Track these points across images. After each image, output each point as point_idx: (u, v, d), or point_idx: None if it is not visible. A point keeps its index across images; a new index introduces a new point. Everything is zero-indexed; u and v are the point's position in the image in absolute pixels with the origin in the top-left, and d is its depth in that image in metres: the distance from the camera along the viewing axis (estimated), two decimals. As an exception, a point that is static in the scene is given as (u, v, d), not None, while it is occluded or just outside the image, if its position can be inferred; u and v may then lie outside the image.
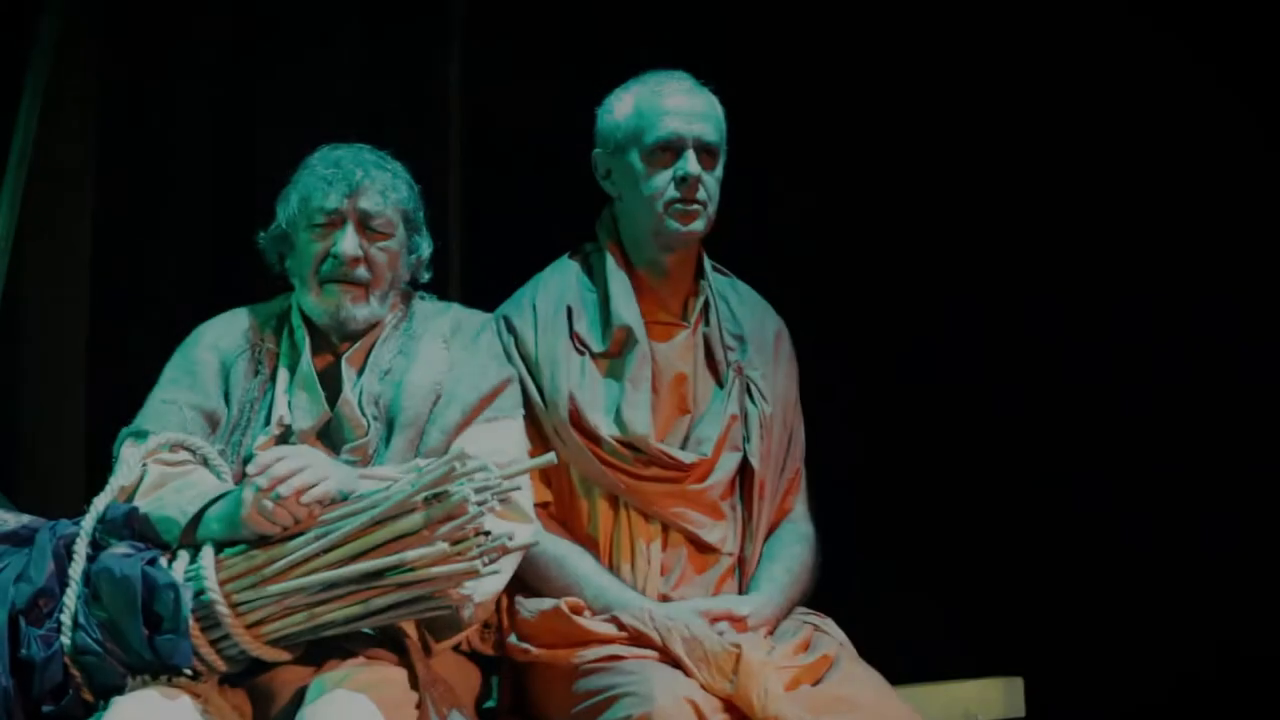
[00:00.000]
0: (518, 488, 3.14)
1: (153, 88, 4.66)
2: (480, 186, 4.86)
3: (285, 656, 3.13)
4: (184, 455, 3.37)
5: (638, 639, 3.33)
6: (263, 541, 3.09)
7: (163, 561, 3.11)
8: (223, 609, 3.06)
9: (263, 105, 4.69)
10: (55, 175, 4.50)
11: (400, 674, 3.16)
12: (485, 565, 3.02)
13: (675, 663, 3.27)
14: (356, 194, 3.46)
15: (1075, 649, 4.42)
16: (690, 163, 3.57)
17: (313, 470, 3.08)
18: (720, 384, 3.68)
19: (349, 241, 3.45)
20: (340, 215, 3.47)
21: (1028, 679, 4.01)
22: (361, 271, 3.47)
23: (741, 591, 3.57)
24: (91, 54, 4.61)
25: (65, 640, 3.07)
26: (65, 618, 3.08)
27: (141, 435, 3.40)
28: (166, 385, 3.49)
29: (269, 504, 3.04)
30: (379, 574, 3.02)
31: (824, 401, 3.86)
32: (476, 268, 4.75)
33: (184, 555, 3.14)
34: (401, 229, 3.53)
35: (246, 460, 3.42)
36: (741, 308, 3.77)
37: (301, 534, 3.07)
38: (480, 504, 3.00)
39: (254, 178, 4.57)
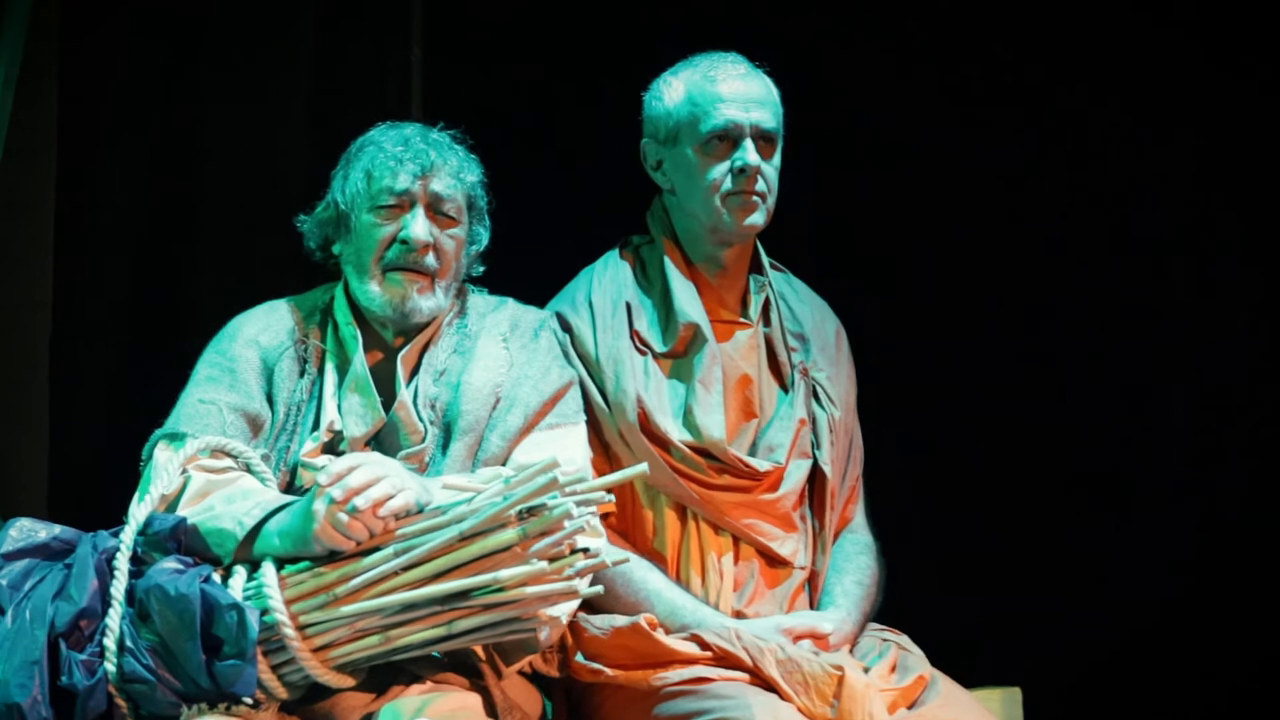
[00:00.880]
0: (613, 500, 2.88)
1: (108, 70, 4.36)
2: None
3: (349, 682, 2.87)
4: (226, 461, 3.08)
5: (724, 659, 3.10)
6: (332, 558, 2.82)
7: (215, 578, 2.83)
8: (289, 631, 2.78)
9: (209, 89, 4.37)
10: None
11: (476, 700, 2.91)
12: (587, 586, 2.78)
13: (768, 685, 3.04)
14: (429, 175, 3.19)
15: (1074, 660, 4.26)
16: (749, 152, 3.34)
17: (390, 480, 2.81)
18: (784, 387, 3.45)
19: (419, 226, 3.18)
20: (410, 197, 3.19)
21: (1026, 689, 3.83)
22: (430, 259, 3.20)
23: (813, 607, 3.36)
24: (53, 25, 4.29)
25: (110, 666, 2.78)
26: (109, 641, 2.79)
27: (178, 438, 3.10)
28: (203, 384, 3.19)
29: (344, 517, 2.77)
30: (464, 594, 2.77)
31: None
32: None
33: (240, 571, 2.86)
34: (467, 216, 3.26)
35: (293, 469, 3.15)
36: (801, 306, 3.56)
37: (377, 549, 2.81)
38: (581, 518, 2.75)
39: (196, 158, 4.33)
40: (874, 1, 4.38)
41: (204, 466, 3.05)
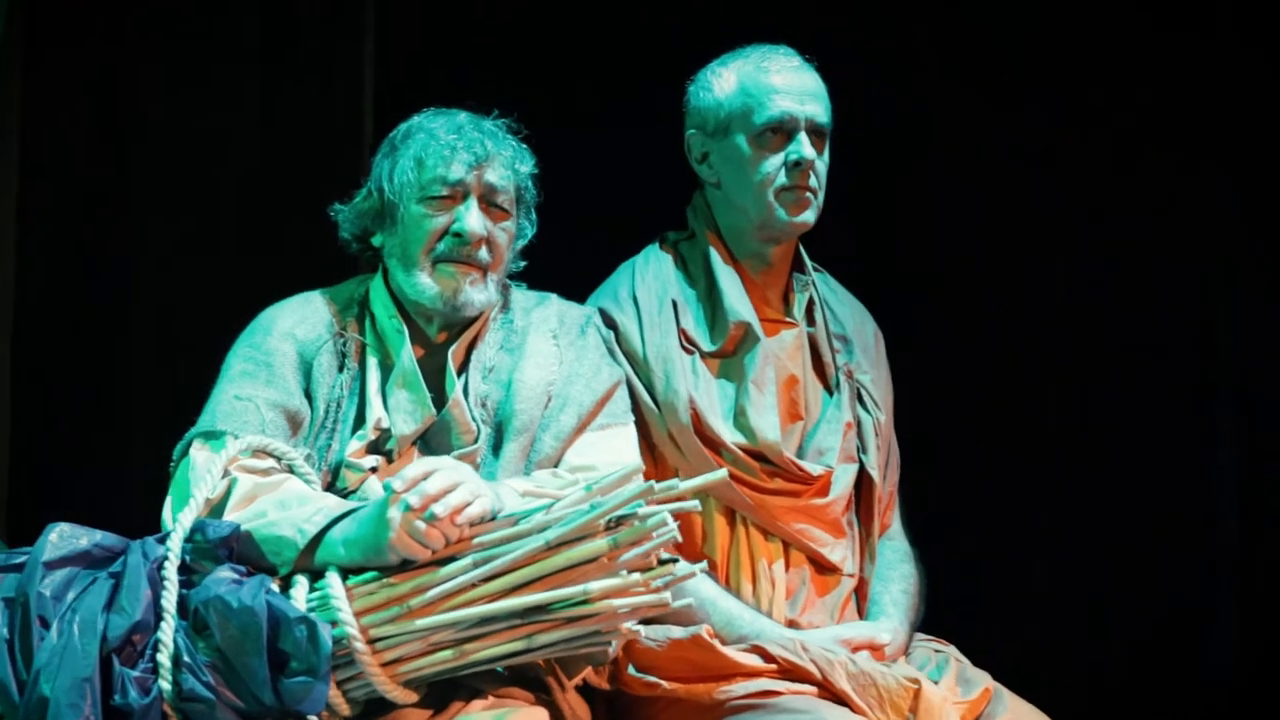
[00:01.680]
0: (699, 509, 2.76)
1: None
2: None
3: (413, 698, 2.72)
4: (268, 462, 2.91)
5: (790, 672, 2.99)
6: (402, 568, 2.67)
7: (274, 589, 2.67)
8: (360, 645, 2.63)
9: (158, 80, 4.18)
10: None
11: (544, 715, 2.77)
12: (674, 598, 2.66)
13: (836, 699, 2.94)
14: (484, 165, 3.04)
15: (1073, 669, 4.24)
16: (804, 146, 3.24)
17: (468, 486, 2.66)
18: (829, 389, 3.36)
19: (474, 218, 3.03)
20: (464, 188, 3.04)
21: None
22: (484, 253, 3.05)
23: (860, 617, 3.27)
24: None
25: (165, 684, 2.60)
26: (163, 657, 2.61)
27: (216, 437, 2.92)
28: (239, 379, 3.01)
29: (421, 525, 2.62)
30: (544, 607, 2.63)
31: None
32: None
33: (301, 582, 2.70)
34: (516, 208, 3.12)
35: (335, 469, 2.99)
36: (841, 307, 3.46)
37: (453, 559, 2.66)
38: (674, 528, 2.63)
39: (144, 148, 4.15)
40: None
41: (246, 467, 2.88)
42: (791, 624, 3.16)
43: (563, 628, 2.64)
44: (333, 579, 2.67)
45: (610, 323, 3.27)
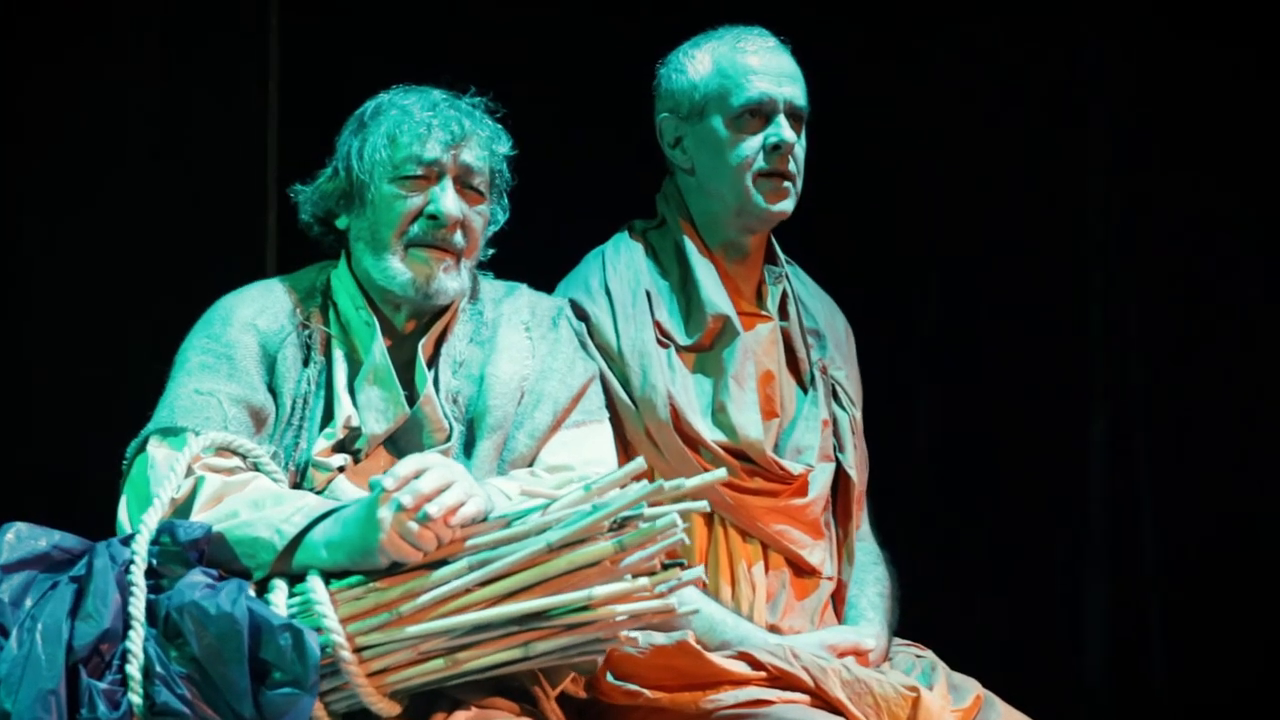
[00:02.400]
0: (707, 509, 2.63)
1: None
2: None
3: (397, 710, 2.56)
4: (233, 460, 2.73)
5: (780, 679, 2.87)
6: (389, 571, 2.51)
7: (251, 593, 2.49)
8: (346, 654, 2.47)
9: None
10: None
11: None
12: (681, 604, 2.53)
13: (829, 707, 2.84)
14: (460, 145, 2.88)
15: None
16: (784, 128, 3.13)
17: (461, 486, 2.51)
18: (803, 385, 3.25)
19: (450, 199, 2.87)
20: (439, 168, 2.88)
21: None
22: (458, 237, 2.89)
23: (839, 620, 3.17)
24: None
25: (135, 698, 2.42)
26: (133, 668, 2.43)
27: (175, 434, 2.74)
28: (198, 372, 2.82)
29: (414, 526, 2.46)
30: (542, 613, 2.49)
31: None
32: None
33: (280, 586, 2.54)
34: (490, 192, 2.97)
35: (302, 468, 2.82)
36: (812, 300, 3.35)
37: (445, 562, 2.50)
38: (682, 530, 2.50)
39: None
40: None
41: (210, 466, 2.70)
42: (773, 629, 3.04)
43: (562, 635, 2.50)
44: (315, 583, 2.50)
45: (581, 314, 3.13)
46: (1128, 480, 4.22)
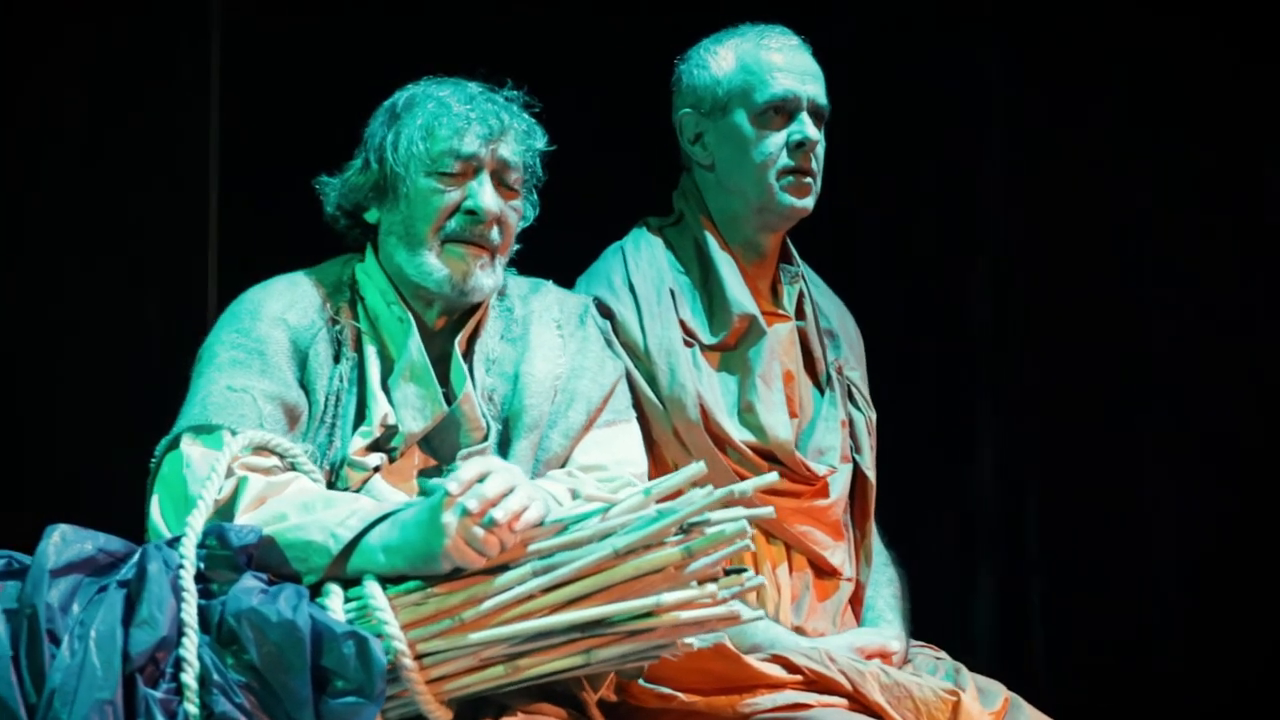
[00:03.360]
0: (773, 515, 2.60)
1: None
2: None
3: (449, 716, 2.50)
4: (271, 460, 2.66)
5: (817, 683, 2.86)
6: (446, 577, 2.45)
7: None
8: (408, 662, 2.41)
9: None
10: None
11: None
12: (749, 610, 2.51)
13: (868, 711, 2.83)
14: (499, 140, 2.82)
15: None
16: (808, 126, 3.12)
17: (525, 490, 2.46)
18: (819, 386, 3.24)
19: (489, 195, 2.81)
20: (477, 163, 2.82)
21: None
22: (495, 233, 2.83)
23: (857, 622, 3.17)
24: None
25: (191, 707, 2.34)
26: (188, 677, 2.34)
27: (209, 432, 2.66)
28: (228, 368, 2.74)
29: (480, 531, 2.41)
30: (605, 619, 2.45)
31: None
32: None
33: (335, 592, 2.47)
34: (522, 188, 2.92)
35: (335, 467, 2.75)
36: (824, 300, 3.35)
37: (506, 568, 2.45)
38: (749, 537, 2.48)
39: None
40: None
41: (249, 465, 2.62)
42: (797, 630, 3.04)
43: (624, 642, 2.46)
44: (374, 589, 2.44)
45: (606, 312, 3.10)
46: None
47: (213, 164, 3.91)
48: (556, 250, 3.18)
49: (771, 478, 2.60)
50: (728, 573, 2.51)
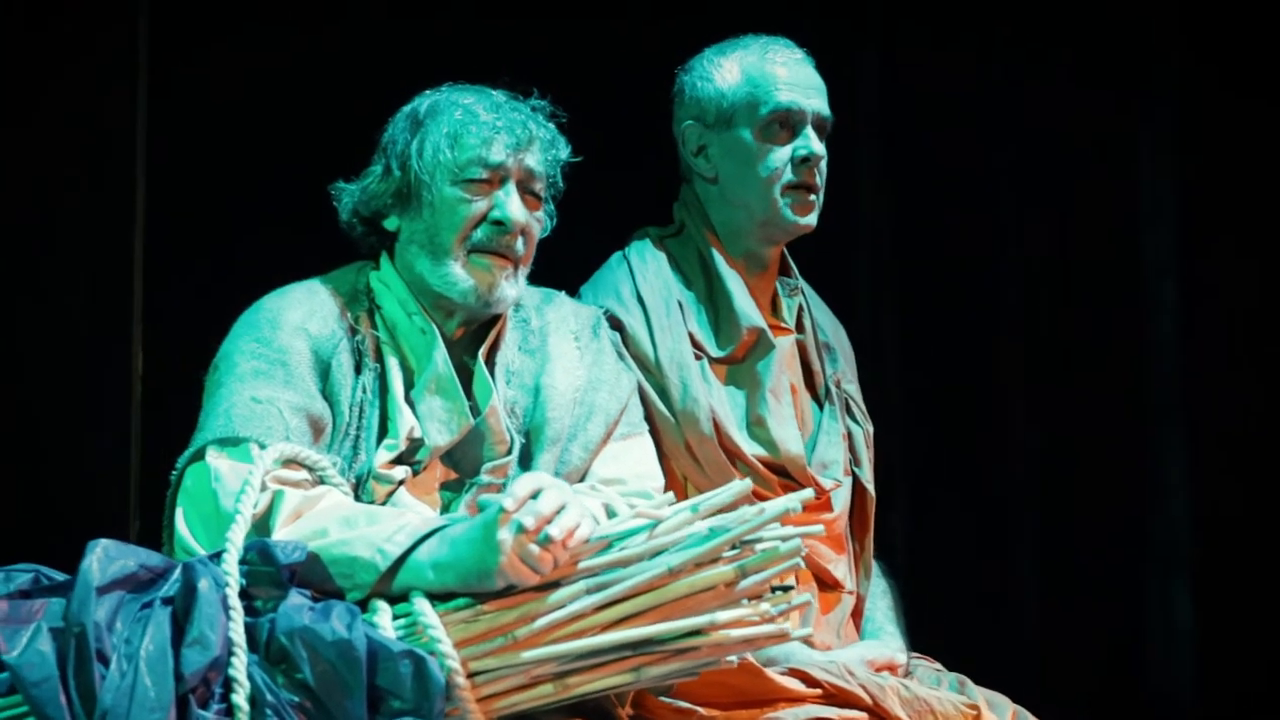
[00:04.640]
0: (823, 534, 2.61)
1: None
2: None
3: None
4: (301, 473, 2.60)
5: (837, 697, 2.86)
6: (496, 594, 2.42)
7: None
8: (461, 680, 2.37)
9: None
10: None
11: None
12: (796, 628, 2.51)
13: None
14: (526, 149, 2.80)
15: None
16: (813, 140, 3.14)
17: (577, 506, 2.44)
18: (818, 399, 3.26)
19: (516, 205, 2.78)
20: (504, 172, 2.79)
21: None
22: (520, 244, 2.81)
23: (858, 634, 3.19)
24: None
25: (243, 728, 2.28)
26: (239, 698, 2.29)
27: (236, 444, 2.60)
28: (252, 379, 2.68)
29: (535, 548, 2.38)
30: (655, 637, 2.43)
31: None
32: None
33: (384, 609, 2.42)
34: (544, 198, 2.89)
35: (360, 480, 2.70)
36: (820, 313, 3.36)
37: (558, 585, 2.43)
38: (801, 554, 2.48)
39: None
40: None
41: (280, 479, 2.57)
42: (805, 644, 3.04)
43: (672, 660, 2.45)
44: (424, 606, 2.40)
45: (616, 324, 3.09)
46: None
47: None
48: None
49: (808, 494, 2.61)
50: (773, 590, 2.51)
